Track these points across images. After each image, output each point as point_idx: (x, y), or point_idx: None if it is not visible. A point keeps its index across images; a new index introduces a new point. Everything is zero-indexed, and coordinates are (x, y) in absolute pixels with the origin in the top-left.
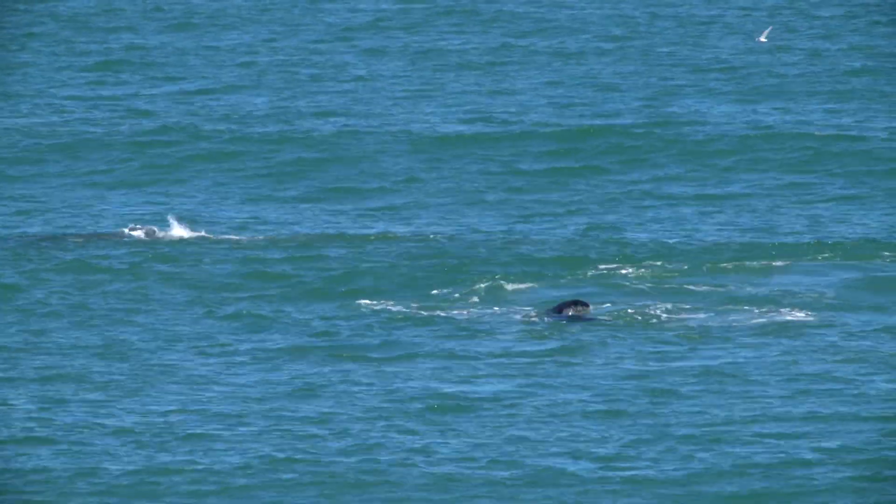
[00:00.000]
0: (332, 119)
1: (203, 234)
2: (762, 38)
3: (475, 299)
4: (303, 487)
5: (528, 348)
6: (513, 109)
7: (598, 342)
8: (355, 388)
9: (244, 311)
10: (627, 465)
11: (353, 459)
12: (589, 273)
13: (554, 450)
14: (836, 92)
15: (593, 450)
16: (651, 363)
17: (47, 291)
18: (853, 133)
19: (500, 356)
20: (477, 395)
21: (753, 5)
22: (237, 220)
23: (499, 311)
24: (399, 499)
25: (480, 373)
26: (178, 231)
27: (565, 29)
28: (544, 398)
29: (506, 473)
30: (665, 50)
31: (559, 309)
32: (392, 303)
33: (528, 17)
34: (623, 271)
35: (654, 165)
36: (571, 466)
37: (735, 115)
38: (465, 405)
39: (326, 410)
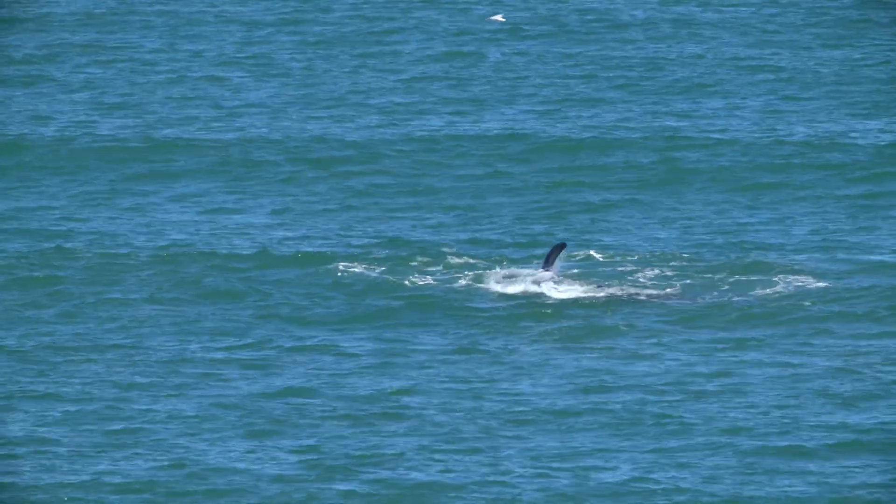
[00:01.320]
0: (328, 123)
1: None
2: (497, 18)
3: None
4: (308, 482)
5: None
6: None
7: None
8: (372, 384)
9: (243, 317)
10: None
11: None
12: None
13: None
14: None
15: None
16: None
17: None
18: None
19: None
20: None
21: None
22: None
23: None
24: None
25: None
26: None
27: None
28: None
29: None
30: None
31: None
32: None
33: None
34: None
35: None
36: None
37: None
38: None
39: (354, 404)
